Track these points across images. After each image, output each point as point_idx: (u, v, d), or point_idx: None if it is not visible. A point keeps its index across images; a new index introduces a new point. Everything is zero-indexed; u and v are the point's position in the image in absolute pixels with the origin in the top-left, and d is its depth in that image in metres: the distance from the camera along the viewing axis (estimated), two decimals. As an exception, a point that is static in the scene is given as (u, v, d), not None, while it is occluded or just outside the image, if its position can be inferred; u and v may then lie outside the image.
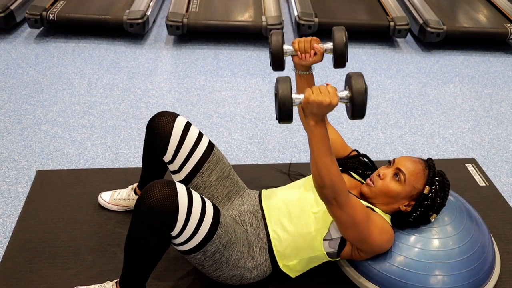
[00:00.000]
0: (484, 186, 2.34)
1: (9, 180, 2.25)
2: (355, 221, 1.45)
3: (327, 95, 1.29)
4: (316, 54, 1.59)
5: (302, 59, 1.61)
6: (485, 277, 1.71)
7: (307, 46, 1.58)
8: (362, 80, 1.32)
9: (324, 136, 1.35)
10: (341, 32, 1.58)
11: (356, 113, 1.34)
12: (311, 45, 1.58)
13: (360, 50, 3.76)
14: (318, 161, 1.36)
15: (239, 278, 1.60)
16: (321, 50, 1.59)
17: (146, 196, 1.37)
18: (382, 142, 2.70)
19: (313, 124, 1.33)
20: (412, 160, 1.60)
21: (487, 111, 3.09)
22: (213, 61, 3.48)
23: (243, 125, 2.78)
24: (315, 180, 1.40)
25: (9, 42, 3.54)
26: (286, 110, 1.31)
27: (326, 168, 1.36)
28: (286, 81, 1.33)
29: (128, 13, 3.55)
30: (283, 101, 1.30)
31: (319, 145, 1.35)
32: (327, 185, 1.37)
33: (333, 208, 1.42)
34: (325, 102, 1.29)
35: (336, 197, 1.39)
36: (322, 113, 1.32)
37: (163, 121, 1.67)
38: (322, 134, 1.34)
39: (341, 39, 1.56)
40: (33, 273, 1.75)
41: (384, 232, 1.54)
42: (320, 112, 1.31)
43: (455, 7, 4.19)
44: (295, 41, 1.60)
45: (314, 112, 1.31)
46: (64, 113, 2.78)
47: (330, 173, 1.36)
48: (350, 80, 1.33)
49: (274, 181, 2.22)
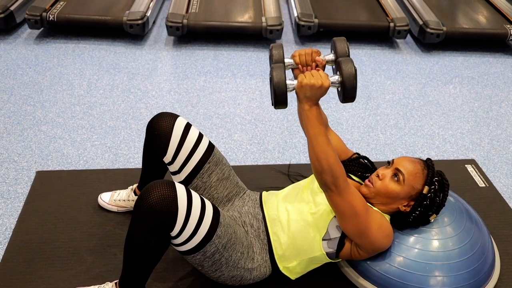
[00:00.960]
0: (483, 187, 2.34)
1: (8, 181, 2.24)
2: (354, 210, 1.46)
3: (319, 78, 1.37)
4: (317, 66, 1.56)
5: (304, 72, 1.53)
6: (485, 278, 1.71)
7: (308, 59, 1.56)
8: (352, 64, 1.39)
9: (318, 119, 1.40)
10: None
11: (347, 95, 1.41)
12: (312, 58, 1.56)
13: (360, 51, 3.77)
14: (315, 145, 1.40)
15: (238, 279, 1.60)
16: (323, 62, 1.55)
17: (145, 196, 1.37)
18: (381, 143, 2.70)
19: (307, 108, 1.40)
20: (411, 161, 1.60)
21: (486, 112, 3.09)
22: (213, 62, 3.48)
23: (243, 126, 2.78)
24: (313, 166, 1.42)
25: (9, 43, 3.55)
26: (281, 95, 1.39)
27: (323, 152, 1.39)
28: (280, 68, 1.40)
29: (128, 14, 3.56)
30: (278, 85, 1.38)
31: (314, 128, 1.40)
32: (325, 169, 1.39)
33: (333, 195, 1.44)
34: (317, 84, 1.36)
35: (335, 182, 1.41)
36: (315, 96, 1.39)
37: (163, 122, 1.67)
38: (316, 117, 1.40)
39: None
40: (33, 274, 1.75)
41: (383, 227, 1.54)
42: (313, 94, 1.38)
43: (455, 8, 4.19)
44: (296, 54, 1.57)
45: (308, 95, 1.38)
46: (64, 114, 2.78)
47: (327, 156, 1.39)
48: (340, 64, 1.40)
49: (274, 182, 2.22)
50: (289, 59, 1.58)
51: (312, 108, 1.40)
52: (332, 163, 1.39)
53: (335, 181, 1.41)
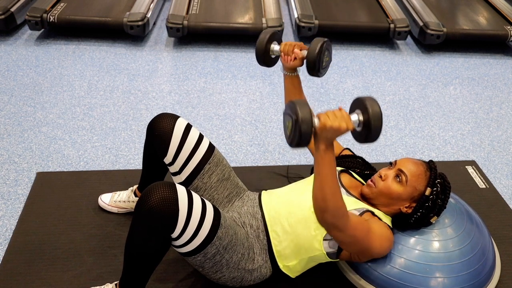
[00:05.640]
0: (484, 188, 2.33)
1: (9, 182, 2.24)
2: (355, 239, 1.47)
3: (343, 121, 1.30)
4: (295, 59, 1.67)
5: (284, 61, 1.71)
6: (486, 279, 1.71)
7: (289, 50, 1.68)
8: (377, 104, 1.31)
9: (332, 161, 1.36)
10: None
11: (371, 138, 1.33)
12: (293, 49, 1.67)
13: (360, 52, 3.77)
14: (324, 186, 1.36)
15: (239, 280, 1.59)
16: (300, 55, 1.66)
17: (146, 198, 1.37)
18: (382, 144, 2.70)
19: (323, 148, 1.34)
20: (414, 162, 1.60)
21: (487, 113, 3.09)
22: (213, 63, 3.48)
23: (243, 127, 2.78)
24: (317, 204, 1.40)
25: (9, 44, 3.55)
26: (306, 136, 1.27)
27: (331, 193, 1.36)
28: (305, 106, 1.27)
29: (129, 15, 3.56)
30: (305, 127, 1.25)
31: (326, 170, 1.35)
32: (329, 210, 1.38)
33: (333, 231, 1.44)
34: (342, 128, 1.29)
35: (336, 222, 1.40)
36: (334, 138, 1.34)
37: (164, 123, 1.67)
38: (331, 159, 1.35)
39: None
40: (33, 275, 1.75)
41: (384, 240, 1.55)
42: (334, 137, 1.32)
43: (455, 9, 4.19)
44: (284, 43, 1.71)
45: (328, 137, 1.32)
46: (64, 115, 2.78)
47: (335, 198, 1.37)
48: (364, 103, 1.32)
49: (274, 183, 2.22)
50: (276, 45, 1.75)
51: (328, 149, 1.34)
52: (338, 205, 1.38)
53: (336, 221, 1.40)
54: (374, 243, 1.52)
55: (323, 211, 1.39)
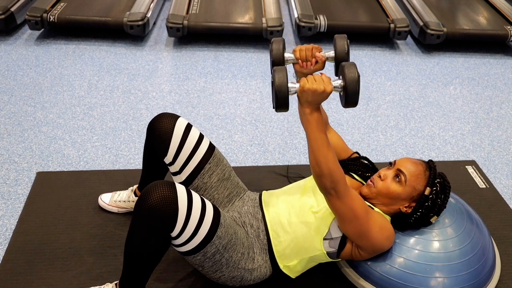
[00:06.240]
0: (484, 188, 2.33)
1: (9, 181, 2.24)
2: (354, 213, 1.45)
3: (322, 83, 1.35)
4: (317, 62, 1.59)
5: (304, 67, 1.60)
6: (486, 279, 1.71)
7: (308, 55, 1.58)
8: (355, 69, 1.37)
9: (319, 124, 1.39)
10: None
11: (350, 101, 1.38)
12: (312, 53, 1.58)
13: (360, 52, 3.77)
14: (315, 149, 1.39)
15: (239, 280, 1.59)
16: (323, 58, 1.58)
17: (146, 197, 1.37)
18: (382, 144, 2.70)
19: (308, 112, 1.39)
20: (413, 162, 1.60)
21: (487, 113, 3.09)
22: (214, 63, 3.48)
23: (243, 127, 2.78)
24: (313, 169, 1.42)
25: (9, 44, 3.55)
26: (282, 98, 1.37)
27: (323, 156, 1.38)
28: (282, 70, 1.38)
29: (129, 15, 3.56)
30: (279, 89, 1.36)
31: (315, 132, 1.39)
32: (325, 174, 1.39)
33: (332, 199, 1.44)
34: (319, 90, 1.34)
35: (335, 186, 1.41)
36: (317, 101, 1.37)
37: (164, 123, 1.67)
38: (317, 122, 1.39)
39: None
40: (33, 275, 1.75)
41: (384, 228, 1.54)
42: (315, 99, 1.36)
43: (455, 9, 4.19)
44: (296, 49, 1.59)
45: (309, 100, 1.37)
46: (65, 114, 2.78)
47: (327, 161, 1.38)
48: (343, 69, 1.38)
49: (274, 183, 2.22)
50: (290, 53, 1.61)
51: (313, 113, 1.38)
52: (332, 167, 1.39)
53: (334, 185, 1.41)
54: (373, 227, 1.50)
55: (319, 175, 1.40)
